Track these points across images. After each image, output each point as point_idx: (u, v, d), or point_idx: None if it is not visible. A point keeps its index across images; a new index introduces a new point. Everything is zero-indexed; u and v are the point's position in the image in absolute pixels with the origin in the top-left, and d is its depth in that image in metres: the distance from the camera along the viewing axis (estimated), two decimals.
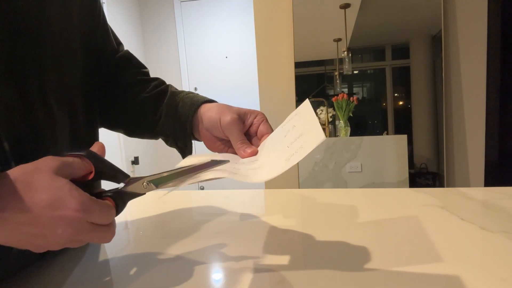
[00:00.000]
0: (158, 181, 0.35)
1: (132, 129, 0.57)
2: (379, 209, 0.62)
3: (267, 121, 0.47)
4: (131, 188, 0.35)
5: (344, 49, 1.85)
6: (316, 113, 1.96)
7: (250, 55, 3.36)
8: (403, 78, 1.85)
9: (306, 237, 0.51)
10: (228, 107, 0.47)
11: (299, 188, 1.86)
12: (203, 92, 3.69)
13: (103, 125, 0.59)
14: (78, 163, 0.33)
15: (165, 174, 0.35)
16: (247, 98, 3.55)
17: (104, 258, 0.48)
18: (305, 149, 0.34)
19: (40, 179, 0.29)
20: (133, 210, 0.72)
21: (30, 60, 0.40)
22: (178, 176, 0.35)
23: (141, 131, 0.56)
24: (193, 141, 0.52)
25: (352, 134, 1.86)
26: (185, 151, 0.51)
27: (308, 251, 0.46)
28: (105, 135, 0.58)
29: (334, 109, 1.90)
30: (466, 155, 1.71)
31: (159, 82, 0.57)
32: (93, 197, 0.32)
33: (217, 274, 0.42)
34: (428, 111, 1.77)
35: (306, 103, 0.43)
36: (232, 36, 3.58)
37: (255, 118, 0.47)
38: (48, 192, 0.29)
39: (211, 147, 0.48)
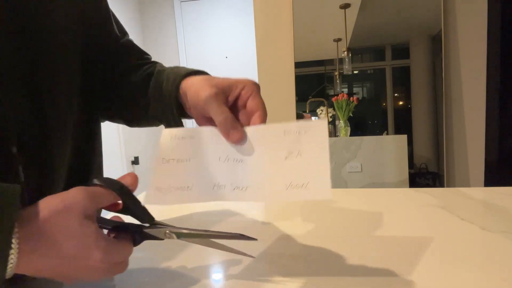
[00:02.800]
0: (181, 235, 0.35)
1: (130, 118, 0.54)
2: (379, 209, 0.62)
3: (258, 93, 0.40)
4: (153, 232, 0.35)
5: (344, 49, 1.85)
6: (316, 114, 1.96)
7: (250, 55, 3.36)
8: (403, 78, 1.84)
9: (306, 237, 0.51)
10: (209, 80, 0.40)
11: None
12: None
13: (104, 118, 0.57)
14: (107, 197, 0.32)
15: (189, 232, 0.35)
16: None
17: None
18: (305, 194, 0.33)
19: (70, 224, 0.29)
20: None
21: (39, 60, 0.39)
22: (201, 237, 0.36)
23: (137, 119, 0.53)
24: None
25: (352, 134, 1.86)
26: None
27: (308, 252, 0.46)
28: (105, 135, 0.58)
29: (334, 109, 1.90)
30: (466, 155, 1.71)
31: (151, 65, 0.53)
32: (115, 241, 0.32)
33: (216, 274, 0.42)
34: (428, 111, 1.77)
35: (322, 125, 0.36)
36: (232, 36, 3.58)
37: (242, 90, 0.39)
38: (76, 239, 0.29)
39: (202, 126, 0.43)
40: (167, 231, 0.35)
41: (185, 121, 0.49)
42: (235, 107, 0.40)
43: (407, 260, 0.41)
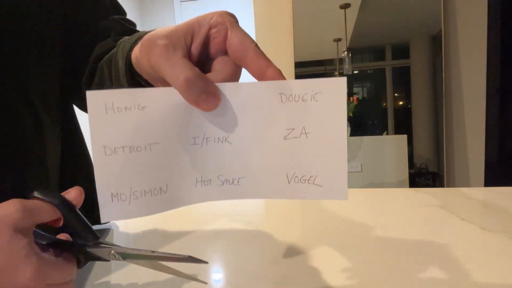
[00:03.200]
0: (126, 256, 0.32)
1: None
2: (379, 209, 0.62)
3: (236, 25, 0.27)
4: (98, 252, 0.32)
5: (344, 49, 1.85)
6: None
7: None
8: (403, 78, 1.84)
9: (306, 237, 0.51)
10: (159, 31, 0.27)
11: None
12: None
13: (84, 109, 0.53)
14: (45, 212, 0.28)
15: (135, 252, 0.31)
16: None
17: None
18: (314, 192, 0.26)
19: None
20: None
21: (8, 54, 0.36)
22: (148, 259, 0.31)
23: None
24: None
25: (352, 134, 1.86)
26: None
27: (308, 252, 0.46)
28: None
29: None
30: (466, 155, 1.71)
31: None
32: (52, 258, 0.29)
33: (216, 274, 0.42)
34: (428, 111, 1.77)
35: (340, 86, 0.25)
36: None
37: (211, 29, 0.27)
38: (2, 254, 0.26)
39: None
40: (112, 252, 0.31)
41: None
42: (208, 55, 0.28)
43: (407, 260, 0.41)
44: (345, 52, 1.85)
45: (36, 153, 0.41)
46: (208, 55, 0.28)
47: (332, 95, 0.25)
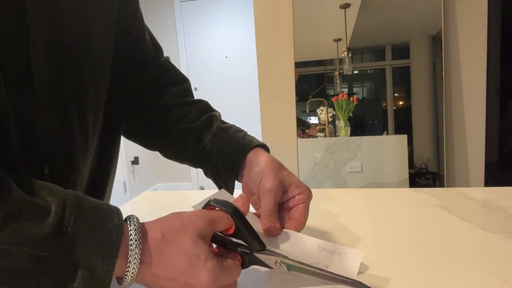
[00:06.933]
0: (291, 267, 0.34)
1: (171, 154, 0.55)
2: (379, 209, 0.62)
3: (308, 204, 0.43)
4: (263, 258, 0.35)
5: (344, 49, 1.85)
6: (316, 113, 1.96)
7: (250, 55, 3.36)
8: (403, 78, 1.84)
9: None
10: (276, 169, 0.43)
11: None
12: (203, 91, 3.69)
13: (142, 144, 0.57)
14: (222, 221, 0.34)
15: (302, 266, 0.34)
16: (247, 98, 3.55)
17: None
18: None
19: (183, 241, 0.31)
20: (134, 209, 0.72)
21: (71, 81, 0.39)
22: (312, 274, 0.34)
23: (180, 158, 0.54)
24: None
25: (352, 134, 1.86)
26: (225, 190, 0.48)
27: None
28: None
29: (334, 109, 1.90)
30: (466, 155, 1.70)
31: (204, 108, 0.53)
32: (224, 264, 0.32)
33: None
34: (428, 111, 1.77)
35: (360, 255, 0.38)
36: (232, 36, 3.58)
37: (298, 194, 0.43)
38: (186, 257, 0.30)
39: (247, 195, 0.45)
40: (278, 260, 0.34)
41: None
42: (284, 205, 0.44)
43: (407, 260, 0.41)
44: (345, 52, 1.85)
45: (82, 172, 0.43)
46: (288, 203, 0.44)
47: (350, 257, 0.37)
